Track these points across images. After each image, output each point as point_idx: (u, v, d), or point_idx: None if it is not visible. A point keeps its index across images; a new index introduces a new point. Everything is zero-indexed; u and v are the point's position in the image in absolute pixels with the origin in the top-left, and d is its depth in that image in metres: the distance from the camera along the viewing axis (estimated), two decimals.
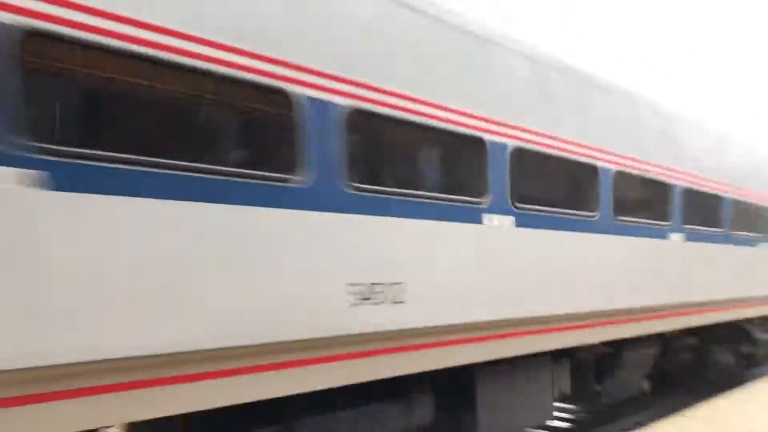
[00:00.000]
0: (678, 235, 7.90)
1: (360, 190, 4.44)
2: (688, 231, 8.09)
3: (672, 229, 7.79)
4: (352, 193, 4.38)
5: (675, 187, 7.88)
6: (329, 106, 4.27)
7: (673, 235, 7.79)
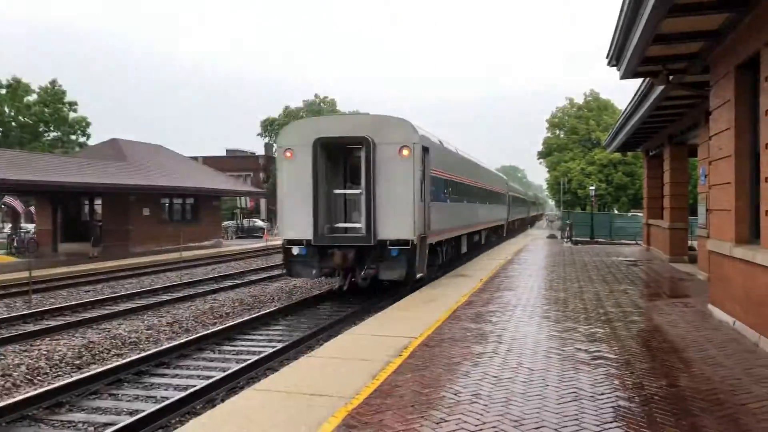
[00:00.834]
0: (477, 203, 26.20)
1: (451, 198, 20.23)
2: (478, 201, 26.52)
3: (476, 201, 25.96)
4: (449, 198, 20.04)
5: (476, 186, 25.95)
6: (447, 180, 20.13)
7: (477, 203, 26.16)
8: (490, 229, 32.40)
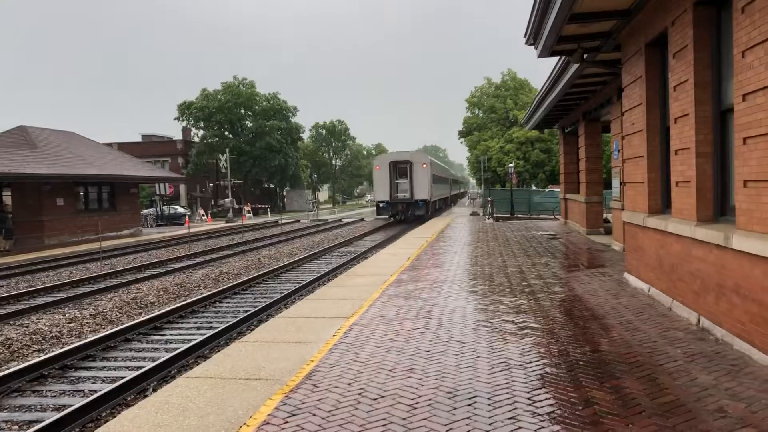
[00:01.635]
0: (440, 184, 54.79)
1: (435, 183, 49.86)
2: (441, 183, 55.56)
3: (441, 183, 56.30)
4: (435, 183, 49.86)
5: (441, 176, 56.75)
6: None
7: (440, 185, 54.95)
8: (445, 198, 62.79)
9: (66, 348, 10.24)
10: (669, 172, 9.54)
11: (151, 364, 9.12)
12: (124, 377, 8.69)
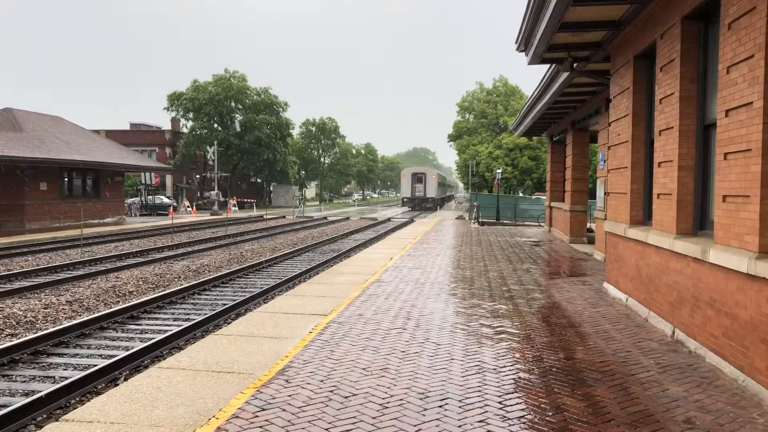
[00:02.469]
0: (440, 187, 77.63)
1: (439, 187, 76.44)
2: (440, 187, 79.79)
3: (444, 187, 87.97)
4: (439, 187, 76.39)
5: (441, 183, 79.75)
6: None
7: (440, 188, 78.34)
8: (443, 197, 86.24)
9: (39, 333, 10.13)
10: (652, 184, 9.60)
11: (124, 353, 9.04)
12: (96, 365, 8.61)
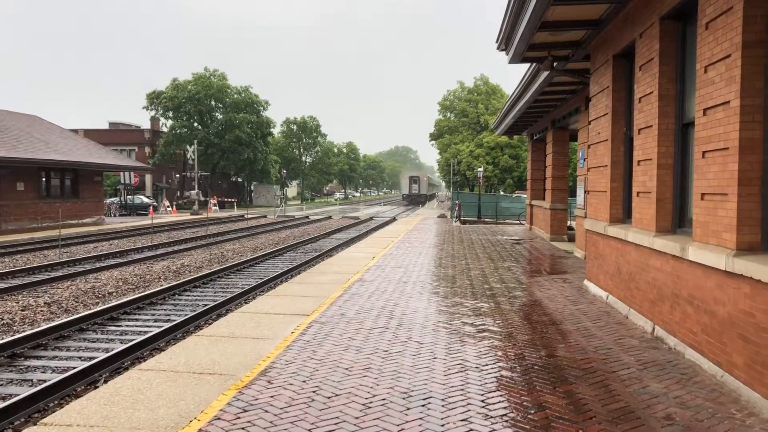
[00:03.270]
0: (429, 186, 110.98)
1: (429, 186, 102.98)
2: (432, 186, 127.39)
3: (431, 186, 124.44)
4: (429, 186, 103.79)
5: (429, 183, 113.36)
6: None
7: (429, 187, 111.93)
8: (431, 195, 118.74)
9: (17, 336, 9.99)
10: (632, 182, 9.68)
11: (104, 355, 8.93)
12: (75, 367, 8.51)
